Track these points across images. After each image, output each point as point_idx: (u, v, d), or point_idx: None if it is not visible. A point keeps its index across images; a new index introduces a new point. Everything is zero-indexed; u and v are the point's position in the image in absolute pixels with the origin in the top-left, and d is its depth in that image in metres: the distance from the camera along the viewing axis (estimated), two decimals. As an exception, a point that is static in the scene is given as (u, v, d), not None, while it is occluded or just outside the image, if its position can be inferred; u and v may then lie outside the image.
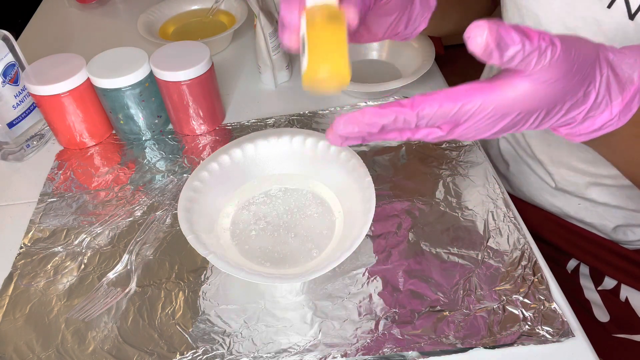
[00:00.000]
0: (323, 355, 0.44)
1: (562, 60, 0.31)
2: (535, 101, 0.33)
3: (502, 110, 0.33)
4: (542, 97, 0.33)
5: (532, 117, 0.34)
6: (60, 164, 0.65)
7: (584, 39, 0.34)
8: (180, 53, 0.63)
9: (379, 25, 0.43)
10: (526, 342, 0.43)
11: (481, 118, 0.33)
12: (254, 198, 0.56)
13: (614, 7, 0.46)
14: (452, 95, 0.33)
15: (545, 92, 0.33)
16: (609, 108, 0.35)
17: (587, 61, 0.33)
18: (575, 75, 0.32)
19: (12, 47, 0.63)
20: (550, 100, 0.33)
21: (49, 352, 0.46)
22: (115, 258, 0.53)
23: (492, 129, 0.35)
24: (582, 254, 0.65)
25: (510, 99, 0.33)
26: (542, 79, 0.32)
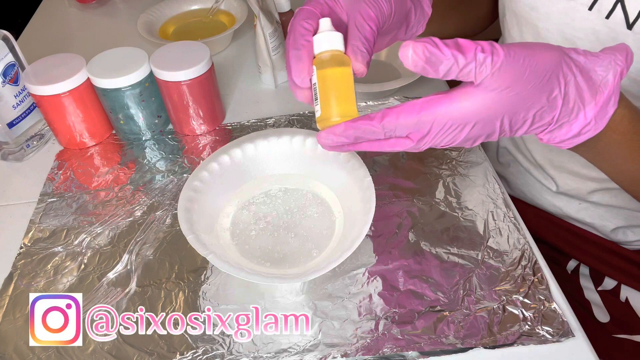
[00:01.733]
0: (323, 355, 0.44)
1: (508, 69, 0.32)
2: (491, 109, 0.34)
3: (460, 120, 0.35)
4: (496, 105, 0.34)
5: (495, 125, 0.35)
6: (60, 164, 0.65)
7: (547, 45, 0.35)
8: (180, 53, 0.63)
9: (380, 42, 0.46)
10: (526, 342, 0.43)
11: (441, 128, 0.35)
12: (254, 198, 0.56)
13: (612, 17, 0.47)
14: (412, 107, 0.35)
15: (499, 99, 0.34)
16: (582, 113, 0.35)
17: (543, 67, 0.33)
18: (528, 81, 0.33)
19: (12, 47, 0.63)
20: (507, 108, 0.34)
21: (49, 352, 0.46)
22: (115, 258, 0.53)
23: (458, 138, 0.36)
24: (582, 255, 0.65)
25: (465, 109, 0.34)
26: (491, 87, 0.33)
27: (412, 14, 0.46)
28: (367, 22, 0.41)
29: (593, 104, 0.35)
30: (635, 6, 0.45)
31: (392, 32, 0.46)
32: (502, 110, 0.34)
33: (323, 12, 0.43)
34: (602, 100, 0.35)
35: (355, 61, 0.40)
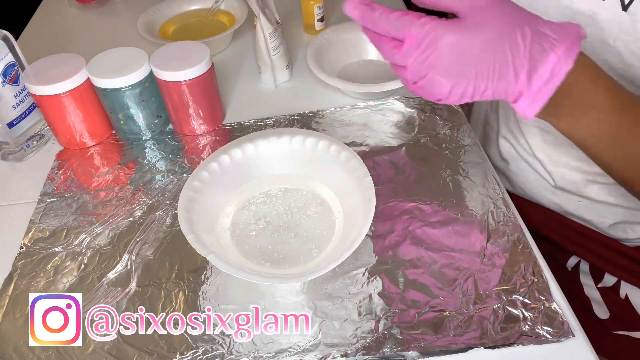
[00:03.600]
0: (323, 355, 0.44)
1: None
2: (477, 34, 0.36)
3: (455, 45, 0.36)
4: (482, 30, 0.36)
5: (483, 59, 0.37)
6: (60, 164, 0.65)
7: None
8: (180, 53, 0.63)
9: None
10: (526, 342, 0.43)
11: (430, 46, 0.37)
12: (254, 198, 0.56)
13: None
14: (409, 13, 0.37)
15: (483, 22, 0.36)
16: (552, 53, 0.36)
17: (512, 8, 0.37)
18: (503, 10, 0.37)
19: (12, 47, 0.63)
20: (491, 37, 0.36)
21: (49, 352, 0.46)
22: (115, 258, 0.53)
23: (449, 74, 0.37)
24: (582, 252, 0.65)
25: (461, 33, 0.36)
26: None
27: None
28: None
29: (560, 44, 0.37)
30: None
31: None
32: (487, 39, 0.36)
33: None
34: (568, 43, 0.37)
35: None
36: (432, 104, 0.68)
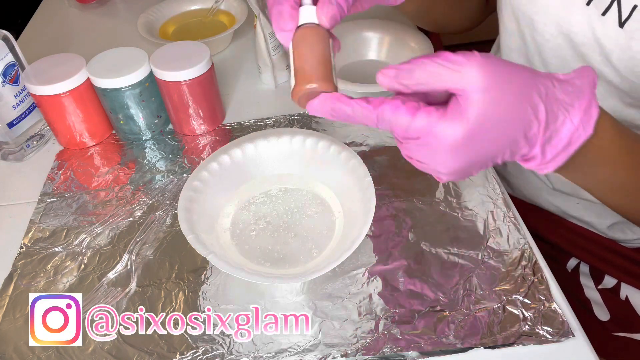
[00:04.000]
0: (323, 355, 0.44)
1: (487, 67, 0.32)
2: (485, 126, 0.33)
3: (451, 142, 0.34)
4: (489, 118, 0.33)
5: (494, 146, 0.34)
6: (60, 164, 0.65)
7: (521, 65, 0.34)
8: (180, 53, 0.63)
9: (362, 1, 0.45)
10: (526, 342, 0.43)
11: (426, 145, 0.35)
12: (254, 198, 0.56)
13: (608, 14, 0.47)
14: (410, 109, 0.34)
15: (489, 109, 0.33)
16: (567, 119, 0.34)
17: (520, 75, 0.34)
18: (510, 82, 0.33)
19: (12, 47, 0.63)
20: (498, 120, 0.33)
21: (49, 352, 0.46)
22: (115, 258, 0.53)
23: (454, 162, 0.35)
24: (582, 253, 0.65)
25: (458, 129, 0.33)
26: (476, 88, 0.32)
27: None
28: None
29: (577, 107, 0.34)
30: (629, 5, 0.45)
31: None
32: (497, 124, 0.33)
33: None
34: (585, 104, 0.34)
35: (320, 12, 0.39)
36: (432, 104, 0.68)
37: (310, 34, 0.39)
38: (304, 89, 0.37)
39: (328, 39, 0.40)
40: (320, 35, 0.39)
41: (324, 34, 0.39)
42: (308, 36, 0.39)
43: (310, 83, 0.37)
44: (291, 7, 0.39)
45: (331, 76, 0.38)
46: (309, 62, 0.38)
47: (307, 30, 0.39)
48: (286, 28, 0.39)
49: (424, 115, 0.34)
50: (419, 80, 0.34)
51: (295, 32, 0.40)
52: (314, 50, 0.38)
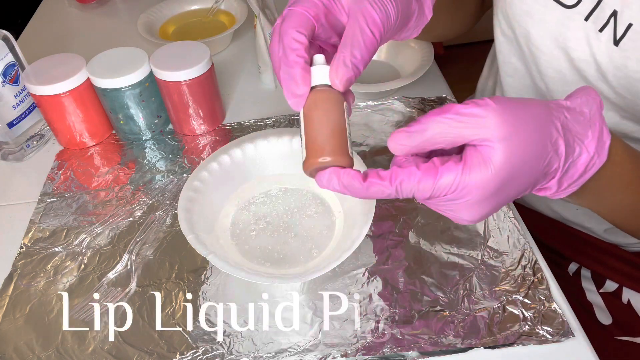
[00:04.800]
0: (323, 355, 0.44)
1: (505, 115, 0.31)
2: (515, 166, 0.32)
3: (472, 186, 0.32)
4: (509, 161, 0.32)
5: (523, 187, 0.34)
6: (60, 164, 0.65)
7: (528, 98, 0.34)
8: (180, 53, 0.63)
9: None
10: (526, 342, 0.43)
11: (454, 196, 0.33)
12: (254, 198, 0.56)
13: (604, 31, 0.47)
14: (429, 172, 0.32)
15: (509, 153, 0.32)
16: (583, 148, 0.34)
17: (536, 112, 0.33)
18: (528, 123, 0.32)
19: (12, 47, 0.63)
20: (523, 164, 0.32)
21: (49, 352, 0.46)
22: (115, 258, 0.53)
23: (482, 209, 0.34)
24: (582, 258, 0.65)
25: (479, 173, 0.32)
26: (497, 137, 0.31)
27: (412, 17, 0.42)
28: (371, 27, 0.35)
29: (590, 136, 0.34)
30: (624, 23, 0.45)
31: (389, 38, 0.42)
32: (520, 167, 0.32)
33: (318, 14, 0.37)
34: (597, 132, 0.34)
35: (333, 75, 0.35)
36: (432, 105, 0.68)
37: (324, 99, 0.35)
38: (317, 163, 0.34)
39: (343, 104, 0.36)
40: (335, 101, 0.35)
41: (338, 98, 0.36)
42: (321, 102, 0.35)
43: (323, 156, 0.34)
44: (303, 69, 0.35)
45: (346, 148, 0.34)
46: (323, 132, 0.34)
47: (319, 95, 0.36)
48: (298, 92, 0.36)
49: (447, 174, 0.32)
50: (435, 140, 0.32)
51: (308, 96, 0.36)
52: (328, 118, 0.35)
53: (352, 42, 0.35)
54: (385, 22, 0.36)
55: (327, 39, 0.40)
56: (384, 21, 0.36)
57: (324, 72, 0.36)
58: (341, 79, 0.35)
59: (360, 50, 0.35)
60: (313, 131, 0.35)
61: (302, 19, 0.36)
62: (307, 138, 0.35)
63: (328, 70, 0.36)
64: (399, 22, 0.38)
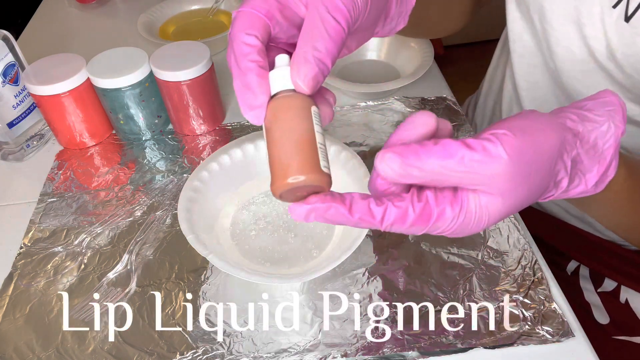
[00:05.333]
0: (323, 355, 0.44)
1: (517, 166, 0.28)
2: (502, 208, 0.30)
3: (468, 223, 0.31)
4: (515, 207, 0.30)
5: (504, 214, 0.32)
6: (60, 164, 0.65)
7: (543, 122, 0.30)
8: (180, 53, 0.63)
9: (349, 43, 0.38)
10: (526, 342, 0.43)
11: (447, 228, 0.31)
12: (254, 198, 0.56)
13: (618, 7, 0.46)
14: (424, 215, 0.29)
15: (516, 204, 0.30)
16: (582, 181, 0.33)
17: (549, 155, 0.30)
18: (538, 172, 0.30)
19: (12, 47, 0.63)
20: (520, 206, 0.31)
21: (49, 352, 0.46)
22: (115, 258, 0.53)
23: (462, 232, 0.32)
24: (582, 256, 0.65)
25: (478, 219, 0.30)
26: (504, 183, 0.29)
27: (392, 3, 0.37)
28: (333, 14, 0.30)
29: (594, 172, 0.33)
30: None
31: (367, 29, 0.37)
32: (514, 209, 0.31)
33: (270, 11, 0.32)
34: (603, 169, 0.33)
35: (295, 74, 0.30)
36: (431, 105, 0.68)
37: (285, 107, 0.30)
38: (284, 185, 0.29)
39: (310, 109, 0.30)
40: (298, 107, 0.30)
41: (303, 103, 0.30)
42: (281, 111, 0.30)
43: (291, 176, 0.28)
44: (257, 75, 0.31)
45: (317, 162, 0.29)
46: (286, 146, 0.29)
47: (280, 102, 0.30)
48: (255, 103, 0.31)
49: (442, 219, 0.30)
50: (431, 182, 0.29)
51: (268, 106, 0.31)
52: (292, 128, 0.29)
53: (312, 34, 0.30)
54: (352, 7, 0.31)
55: (289, 39, 0.35)
56: (349, 6, 0.31)
57: (284, 74, 0.31)
58: (304, 79, 0.30)
59: (324, 42, 0.30)
60: (276, 147, 0.29)
61: (251, 20, 0.32)
62: (270, 156, 0.30)
63: (289, 71, 0.30)
64: (371, 8, 0.34)
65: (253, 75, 0.31)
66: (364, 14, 0.33)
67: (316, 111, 0.31)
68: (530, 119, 0.30)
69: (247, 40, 0.32)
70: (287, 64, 0.31)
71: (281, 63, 0.32)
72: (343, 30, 0.31)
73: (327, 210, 0.29)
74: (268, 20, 0.32)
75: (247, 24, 0.32)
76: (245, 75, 0.31)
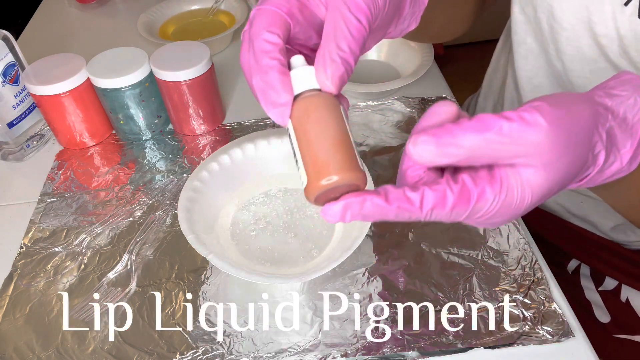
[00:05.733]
0: (323, 355, 0.44)
1: (556, 133, 0.28)
2: (544, 185, 0.29)
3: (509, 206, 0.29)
4: (556, 182, 0.29)
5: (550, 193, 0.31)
6: (60, 164, 0.65)
7: (574, 97, 0.30)
8: (180, 53, 0.63)
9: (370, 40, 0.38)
10: (526, 342, 0.43)
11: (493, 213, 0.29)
12: (254, 198, 0.56)
13: (630, 4, 0.46)
14: (465, 195, 0.28)
15: (557, 177, 0.29)
16: (618, 159, 0.32)
17: (585, 125, 0.29)
18: (577, 145, 0.29)
19: (12, 47, 0.63)
20: (561, 182, 0.30)
21: (49, 352, 0.46)
22: (115, 258, 0.53)
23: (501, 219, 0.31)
24: (582, 255, 0.65)
25: (518, 197, 0.29)
26: (543, 159, 0.28)
27: (406, 3, 0.37)
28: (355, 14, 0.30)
29: (628, 147, 0.32)
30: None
31: (382, 29, 0.37)
32: (555, 181, 0.29)
33: (292, 10, 0.32)
34: (636, 143, 0.32)
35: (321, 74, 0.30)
36: (432, 104, 0.68)
37: (317, 105, 0.30)
38: (322, 186, 0.28)
39: (340, 108, 0.30)
40: (331, 106, 0.30)
41: (333, 102, 0.30)
42: (314, 109, 0.29)
43: (329, 176, 0.28)
44: (280, 72, 0.30)
45: (356, 161, 0.29)
46: (323, 146, 0.28)
47: (310, 101, 0.30)
48: (280, 101, 0.31)
49: (483, 199, 0.28)
50: (469, 160, 0.27)
51: (294, 106, 0.30)
52: (327, 127, 0.29)
53: (335, 33, 0.30)
54: (372, 6, 0.31)
55: (307, 40, 0.35)
56: (371, 5, 0.31)
57: (307, 74, 0.30)
58: (332, 77, 0.30)
59: (347, 41, 0.30)
60: (311, 147, 0.29)
61: (273, 18, 0.32)
62: (304, 157, 0.29)
63: (312, 71, 0.30)
64: (389, 7, 0.34)
65: (275, 73, 0.30)
66: (383, 12, 0.33)
67: (344, 110, 0.31)
68: (563, 95, 0.30)
69: (269, 38, 0.31)
70: (304, 64, 0.31)
71: (298, 64, 0.31)
72: (365, 29, 0.31)
73: (363, 203, 0.28)
74: (289, 19, 0.32)
75: (268, 22, 0.31)
76: (266, 74, 0.31)
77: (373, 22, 0.32)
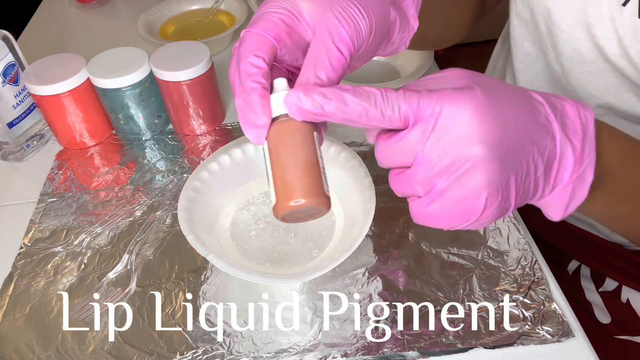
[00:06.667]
0: (323, 355, 0.44)
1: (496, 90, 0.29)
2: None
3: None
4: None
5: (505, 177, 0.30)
6: (60, 164, 0.65)
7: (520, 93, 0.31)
8: (180, 53, 0.63)
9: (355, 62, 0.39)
10: (526, 342, 0.43)
11: None
12: (254, 198, 0.56)
13: (629, 5, 0.46)
14: (434, 94, 0.30)
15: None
16: (569, 150, 0.32)
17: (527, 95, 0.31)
18: (518, 102, 0.30)
19: (12, 47, 0.63)
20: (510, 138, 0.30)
21: (49, 352, 0.46)
22: (115, 258, 0.53)
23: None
24: (583, 256, 0.65)
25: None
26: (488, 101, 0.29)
27: (394, 29, 0.39)
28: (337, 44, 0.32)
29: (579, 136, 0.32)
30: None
31: (369, 53, 0.37)
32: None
33: (279, 34, 0.34)
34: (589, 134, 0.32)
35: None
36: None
37: (290, 130, 0.31)
38: (289, 207, 0.31)
39: (313, 134, 0.32)
40: (304, 132, 0.31)
41: (307, 128, 0.32)
42: (287, 134, 0.31)
43: (295, 198, 0.30)
44: (260, 96, 0.32)
45: (322, 187, 0.31)
46: (292, 170, 0.31)
47: (285, 125, 0.32)
48: (257, 123, 0.32)
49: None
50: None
51: (270, 128, 0.32)
52: (298, 152, 0.31)
53: (315, 62, 0.32)
54: (355, 37, 0.33)
55: (294, 61, 0.37)
56: (353, 37, 0.33)
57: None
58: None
59: (325, 71, 0.31)
60: (281, 169, 0.31)
61: (260, 41, 0.33)
62: (275, 178, 0.31)
63: None
64: (375, 37, 0.35)
65: (256, 96, 0.32)
66: (368, 41, 0.34)
67: (317, 136, 0.33)
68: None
69: (254, 61, 0.33)
70: (285, 89, 0.33)
71: (280, 87, 0.33)
72: (345, 60, 0.33)
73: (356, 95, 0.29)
74: (276, 43, 0.34)
75: (256, 45, 0.33)
76: (248, 95, 0.32)
77: (355, 52, 0.33)
